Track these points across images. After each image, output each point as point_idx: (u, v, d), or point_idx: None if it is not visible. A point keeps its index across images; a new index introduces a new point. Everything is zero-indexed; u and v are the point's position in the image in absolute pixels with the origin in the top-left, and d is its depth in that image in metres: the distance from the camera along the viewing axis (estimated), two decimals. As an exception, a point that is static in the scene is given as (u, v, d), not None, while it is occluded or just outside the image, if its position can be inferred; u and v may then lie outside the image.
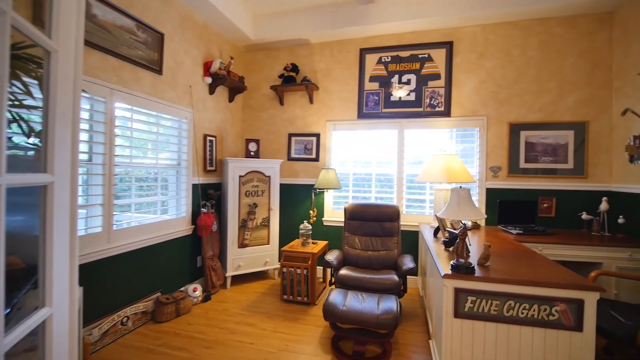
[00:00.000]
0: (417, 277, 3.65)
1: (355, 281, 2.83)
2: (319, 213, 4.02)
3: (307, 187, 4.06)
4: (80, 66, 1.09)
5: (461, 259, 1.84)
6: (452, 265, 1.85)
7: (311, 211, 3.87)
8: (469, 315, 1.74)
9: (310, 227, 3.52)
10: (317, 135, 4.05)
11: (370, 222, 3.41)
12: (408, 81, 3.71)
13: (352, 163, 4.02)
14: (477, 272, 1.80)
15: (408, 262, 2.95)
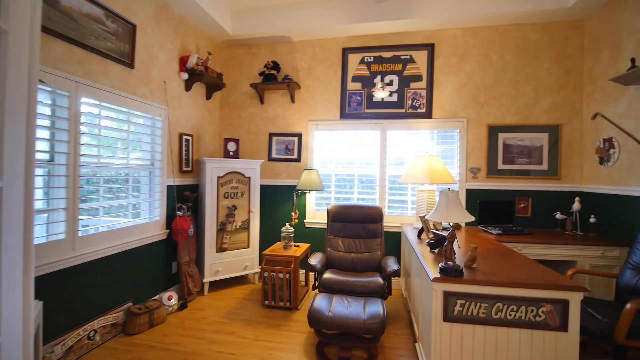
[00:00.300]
0: (399, 277, 3.64)
1: (339, 285, 2.77)
2: (301, 215, 3.93)
3: (289, 189, 3.96)
4: (37, 53, 0.95)
5: (449, 262, 1.82)
6: (440, 268, 1.83)
7: (293, 213, 3.78)
8: (458, 319, 1.72)
9: (292, 229, 3.42)
10: (299, 135, 3.96)
11: (354, 223, 3.37)
12: (390, 82, 3.71)
13: (334, 164, 3.96)
14: (465, 274, 1.78)
15: (392, 264, 2.93)
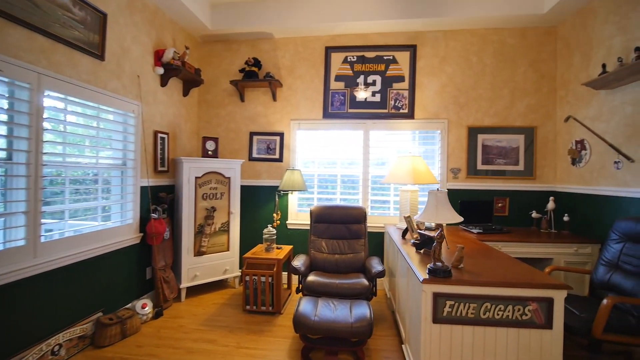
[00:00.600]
0: (383, 278, 3.63)
1: (324, 287, 2.71)
2: (283, 216, 3.84)
3: (270, 189, 3.86)
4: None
5: (438, 262, 1.81)
6: (429, 269, 1.81)
7: (275, 214, 3.68)
8: (447, 320, 1.71)
9: (274, 231, 3.33)
10: (281, 135, 3.86)
11: (337, 224, 3.33)
12: (373, 82, 3.70)
13: (317, 164, 3.91)
14: (453, 275, 1.78)
15: (376, 264, 2.91)
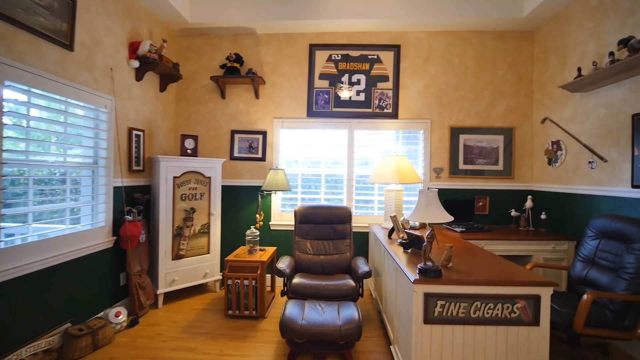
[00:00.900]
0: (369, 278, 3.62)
1: (310, 289, 2.64)
2: (266, 217, 3.74)
3: (253, 189, 3.75)
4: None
5: (429, 262, 1.79)
6: (419, 269, 1.79)
7: (258, 215, 3.58)
8: (438, 320, 1.69)
9: (257, 232, 3.23)
10: (264, 133, 3.76)
11: (322, 224, 3.27)
12: (358, 81, 3.68)
13: (300, 163, 3.84)
14: (443, 274, 1.77)
15: (362, 265, 2.88)
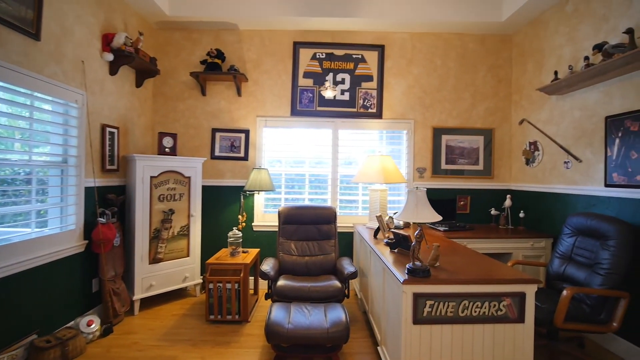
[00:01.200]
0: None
1: (296, 292, 2.58)
2: (249, 218, 3.64)
3: (235, 189, 3.64)
4: None
5: (417, 262, 1.78)
6: (408, 269, 1.78)
7: (240, 216, 3.47)
8: (427, 320, 1.68)
9: (240, 234, 3.13)
10: (246, 132, 3.66)
11: (307, 225, 3.22)
12: (342, 80, 3.65)
13: (284, 163, 3.77)
14: (431, 274, 1.76)
15: (348, 265, 2.85)
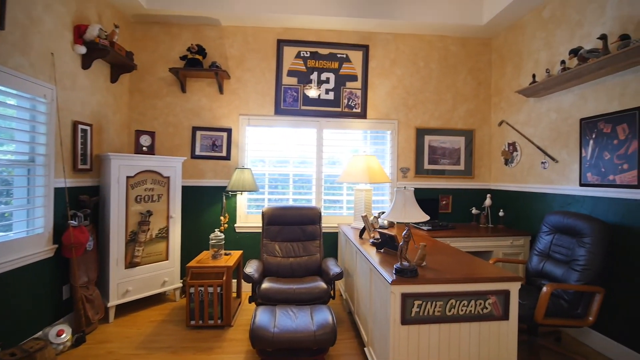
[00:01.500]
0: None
1: (281, 294, 2.53)
2: (231, 219, 3.54)
3: (217, 190, 3.53)
4: None
5: (405, 262, 1.77)
6: (396, 269, 1.77)
7: (222, 217, 3.37)
8: (415, 320, 1.68)
9: (222, 236, 3.04)
10: (228, 131, 3.56)
11: (291, 226, 3.18)
12: (327, 79, 3.63)
13: (267, 162, 3.70)
14: (419, 274, 1.76)
15: (333, 266, 2.83)
